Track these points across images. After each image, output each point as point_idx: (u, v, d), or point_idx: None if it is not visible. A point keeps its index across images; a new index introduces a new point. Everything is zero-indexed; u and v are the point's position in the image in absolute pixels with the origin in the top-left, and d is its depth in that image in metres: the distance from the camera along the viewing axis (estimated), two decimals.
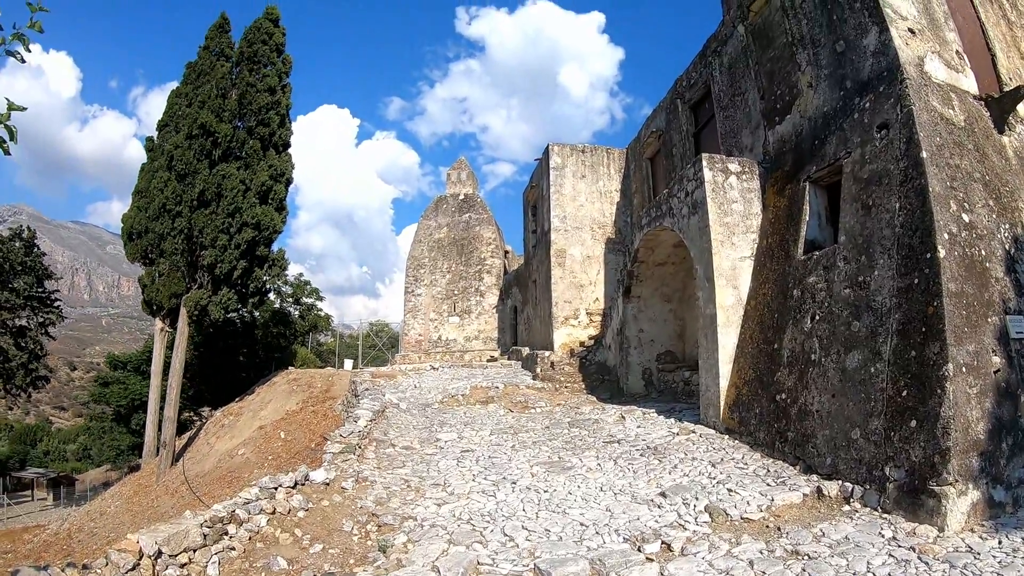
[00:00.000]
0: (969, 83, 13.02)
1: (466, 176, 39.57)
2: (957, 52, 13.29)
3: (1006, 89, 13.56)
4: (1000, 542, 7.39)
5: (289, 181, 22.56)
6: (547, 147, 26.81)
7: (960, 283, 9.56)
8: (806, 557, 7.34)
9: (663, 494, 10.02)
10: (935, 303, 9.34)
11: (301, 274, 46.53)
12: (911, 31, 12.60)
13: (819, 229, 13.37)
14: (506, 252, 38.48)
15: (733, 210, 14.72)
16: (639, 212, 21.89)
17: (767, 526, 8.59)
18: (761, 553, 7.57)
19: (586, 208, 26.00)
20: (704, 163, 14.87)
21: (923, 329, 9.39)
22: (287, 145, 22.91)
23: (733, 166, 15.19)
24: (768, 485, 10.02)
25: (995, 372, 9.17)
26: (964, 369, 8.87)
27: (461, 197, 38.48)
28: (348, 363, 34.75)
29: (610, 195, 26.54)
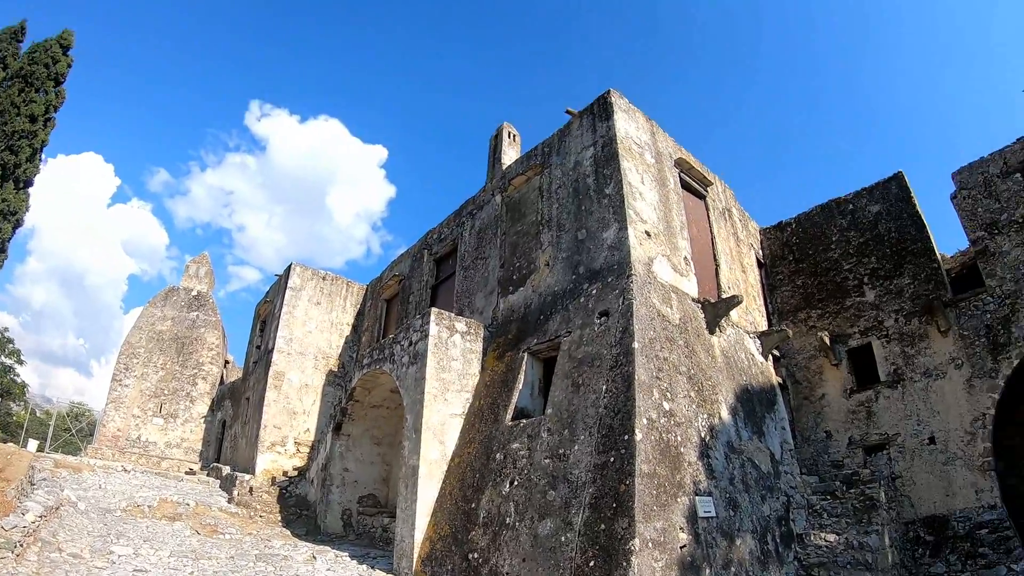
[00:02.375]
0: (691, 286, 14.41)
1: (204, 273, 37.64)
2: (685, 258, 14.69)
3: (724, 296, 15.15)
4: None
5: (19, 223, 20.30)
6: (290, 265, 26.19)
7: (653, 465, 10.16)
8: None
9: None
10: (627, 481, 9.83)
11: (7, 329, 41.69)
12: (647, 233, 13.79)
13: (530, 398, 13.86)
14: (227, 362, 36.61)
15: (452, 367, 14.97)
16: (365, 350, 21.88)
17: None
18: None
19: (315, 335, 25.44)
20: (432, 317, 15.15)
21: (614, 505, 9.81)
22: (30, 183, 20.72)
23: (460, 325, 15.60)
24: None
25: (682, 547, 9.72)
26: (651, 544, 9.31)
27: (194, 293, 36.45)
28: (33, 444, 31.45)
29: (341, 327, 26.24)
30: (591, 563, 9.57)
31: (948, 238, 62.21)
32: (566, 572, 9.86)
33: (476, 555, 11.76)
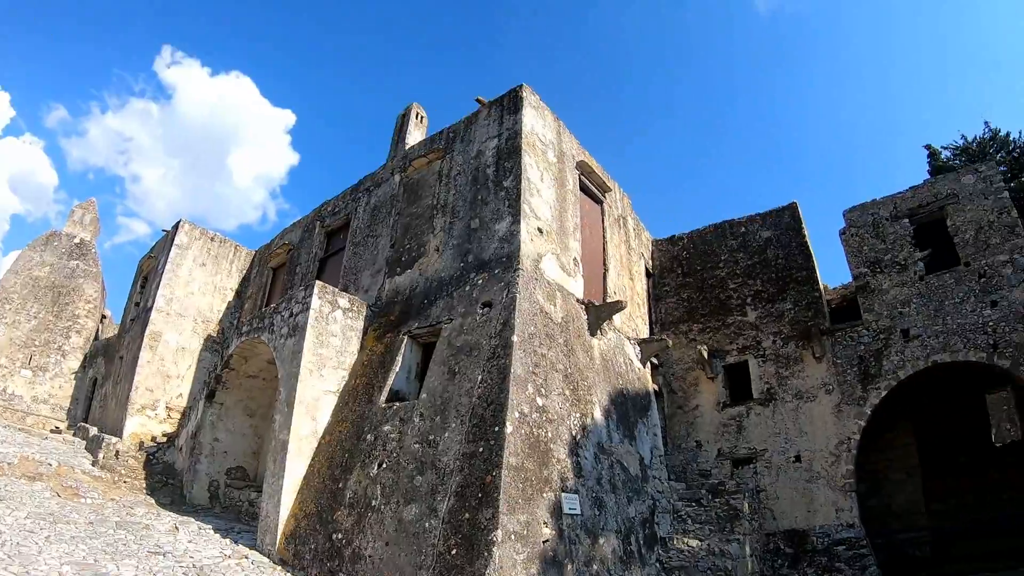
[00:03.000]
0: (577, 287, 14.52)
1: (90, 220, 35.46)
2: (575, 259, 14.78)
3: (609, 300, 15.37)
4: None
5: None
6: (179, 222, 25.08)
7: (522, 458, 10.17)
8: None
9: None
10: (494, 473, 9.81)
11: None
12: (539, 230, 13.82)
13: (407, 382, 13.69)
14: (104, 316, 34.68)
15: (331, 343, 14.67)
16: (246, 318, 21.36)
17: None
18: None
19: (197, 297, 24.48)
20: (315, 291, 14.83)
21: (480, 495, 9.79)
22: None
23: (343, 301, 15.32)
24: None
25: (544, 542, 9.79)
26: (513, 536, 9.35)
27: (77, 240, 34.39)
28: None
29: (224, 292, 25.35)
30: (453, 551, 9.54)
31: (831, 271, 64.34)
32: (428, 558, 9.80)
33: (340, 536, 11.57)
